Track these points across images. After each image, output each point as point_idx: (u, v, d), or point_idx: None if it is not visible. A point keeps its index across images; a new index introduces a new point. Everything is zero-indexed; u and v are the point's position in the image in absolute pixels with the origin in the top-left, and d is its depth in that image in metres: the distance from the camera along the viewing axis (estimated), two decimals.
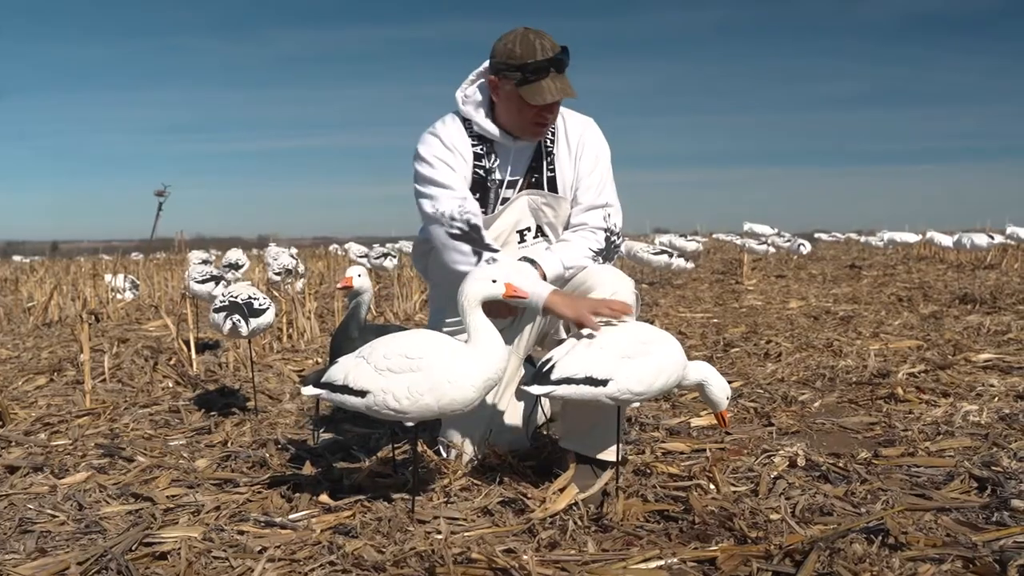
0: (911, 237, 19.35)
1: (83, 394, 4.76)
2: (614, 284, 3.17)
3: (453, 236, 3.16)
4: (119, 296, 10.25)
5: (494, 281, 2.79)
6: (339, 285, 3.56)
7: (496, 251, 3.14)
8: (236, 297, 4.30)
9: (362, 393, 2.73)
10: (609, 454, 3.08)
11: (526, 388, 2.83)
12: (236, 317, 4.20)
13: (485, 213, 3.34)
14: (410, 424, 2.78)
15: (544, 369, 2.78)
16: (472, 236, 3.14)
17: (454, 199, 3.20)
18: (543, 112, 3.24)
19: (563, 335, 3.07)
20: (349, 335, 3.39)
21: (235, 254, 12.55)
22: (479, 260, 3.11)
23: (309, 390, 2.85)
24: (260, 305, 4.31)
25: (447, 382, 2.68)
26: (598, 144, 3.45)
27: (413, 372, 2.69)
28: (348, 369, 2.78)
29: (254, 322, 4.24)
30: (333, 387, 2.79)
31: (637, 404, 2.93)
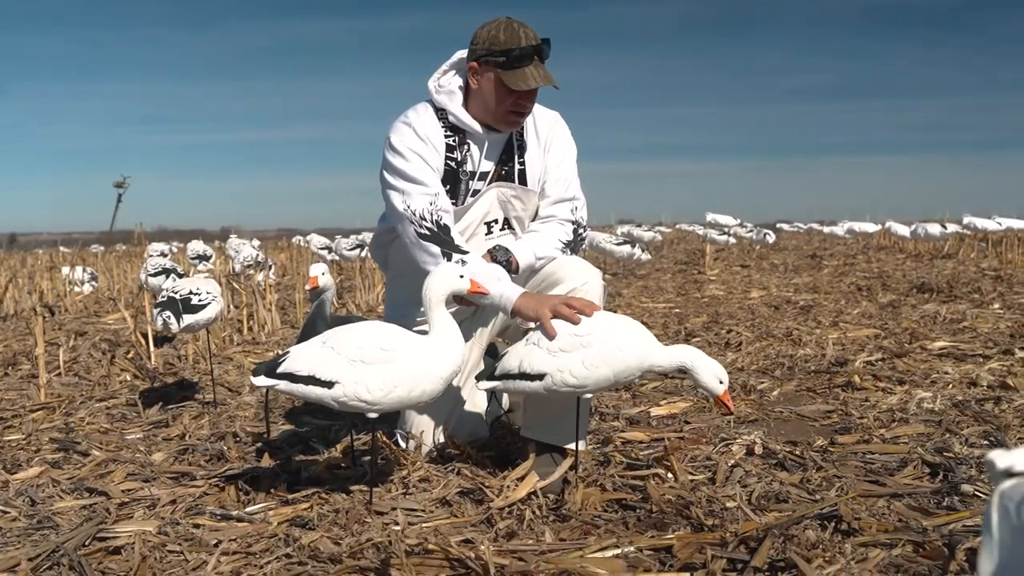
0: (871, 227, 19.61)
1: (38, 388, 4.69)
2: (584, 275, 3.19)
3: (422, 236, 3.12)
4: (77, 289, 10.10)
5: (461, 276, 2.81)
6: (308, 287, 3.58)
7: (466, 252, 3.11)
8: (176, 292, 4.23)
9: (330, 384, 2.67)
10: (570, 443, 3.09)
11: (476, 384, 3.01)
12: (167, 314, 4.12)
13: (455, 205, 3.31)
14: (372, 415, 2.76)
15: (493, 366, 2.95)
16: (442, 237, 3.11)
17: (425, 196, 3.16)
18: (521, 100, 3.22)
19: (531, 325, 3.08)
20: (316, 331, 3.37)
21: (200, 246, 12.42)
22: (447, 257, 3.08)
23: (261, 380, 2.73)
24: (200, 301, 4.20)
25: (421, 374, 2.68)
26: (566, 138, 3.46)
27: (387, 364, 2.67)
28: (313, 359, 2.71)
29: (189, 318, 4.14)
30: (295, 377, 2.70)
31: (589, 395, 2.92)
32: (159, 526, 2.68)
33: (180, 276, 6.14)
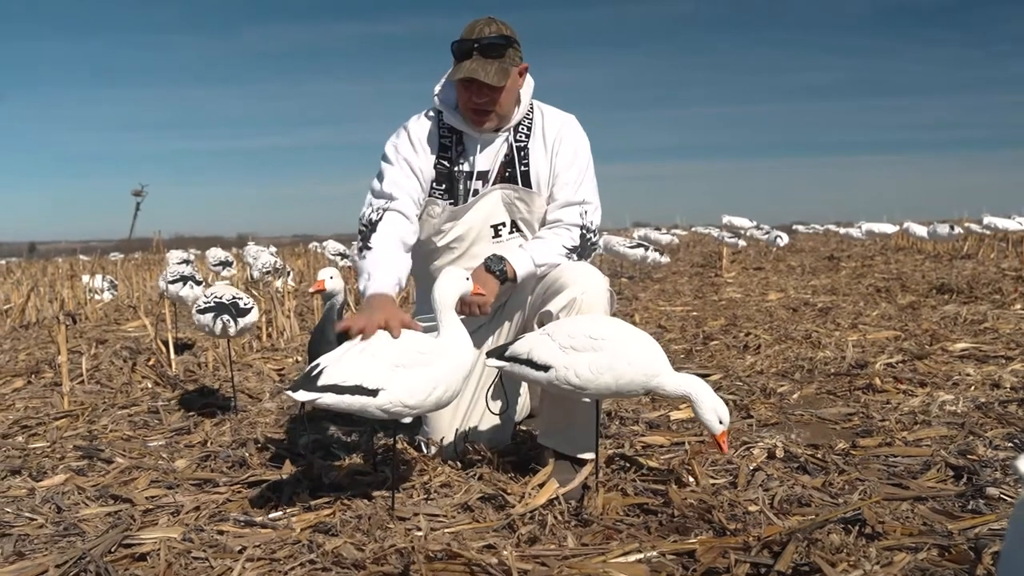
0: (889, 228, 19.50)
1: (61, 396, 4.72)
2: (584, 283, 3.13)
3: (360, 232, 3.25)
4: (97, 297, 10.18)
5: (467, 279, 2.85)
6: (311, 289, 3.57)
7: (369, 248, 3.15)
8: (221, 297, 4.32)
9: (375, 392, 2.62)
10: (587, 454, 3.09)
11: (485, 361, 3.06)
12: (226, 317, 4.23)
13: (454, 204, 3.35)
14: (407, 420, 2.77)
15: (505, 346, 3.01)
16: (365, 233, 3.20)
17: (380, 200, 3.27)
18: (472, 96, 3.24)
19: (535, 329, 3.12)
20: (326, 338, 3.38)
21: (221, 253, 12.47)
22: (359, 255, 3.18)
23: (303, 395, 2.60)
24: (245, 305, 4.36)
25: (452, 372, 2.70)
26: (576, 141, 3.41)
27: (424, 367, 2.67)
28: (357, 368, 2.63)
29: (242, 321, 4.29)
30: (340, 388, 2.61)
31: (588, 399, 2.92)
32: (184, 533, 2.70)
33: (198, 283, 6.17)
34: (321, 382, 2.62)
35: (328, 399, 2.61)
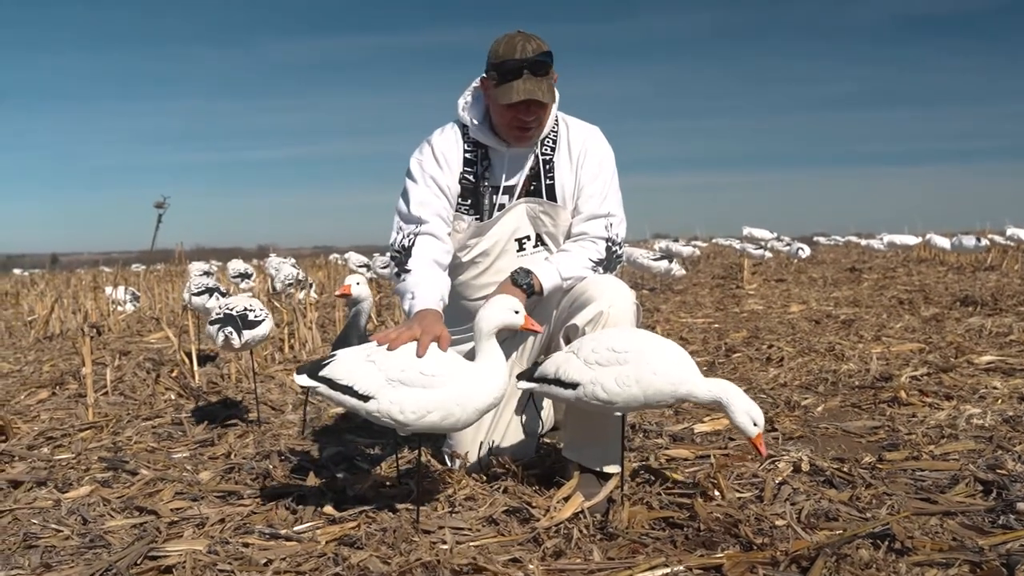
0: (911, 239, 19.33)
1: (85, 407, 4.75)
2: (610, 297, 3.12)
3: (393, 258, 3.29)
4: (120, 308, 10.25)
5: (516, 312, 2.82)
6: (337, 293, 3.58)
7: (408, 271, 3.18)
8: (231, 309, 4.30)
9: (366, 398, 2.68)
10: (611, 467, 3.08)
11: (516, 384, 3.05)
12: (228, 329, 4.20)
13: (480, 220, 3.35)
14: (403, 433, 2.77)
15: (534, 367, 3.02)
16: (400, 259, 3.23)
17: (410, 225, 3.27)
18: (519, 115, 3.22)
19: (562, 344, 3.12)
20: (349, 345, 3.39)
21: (241, 265, 12.52)
22: (398, 279, 3.22)
23: (304, 380, 2.75)
24: (255, 317, 4.30)
25: (457, 403, 2.67)
26: (602, 153, 3.40)
27: (425, 388, 2.67)
28: (354, 371, 2.71)
29: (248, 334, 4.23)
30: (334, 384, 2.72)
31: (619, 413, 2.90)
32: (209, 545, 2.70)
33: (224, 295, 6.19)
34: (322, 373, 2.73)
35: (323, 391, 2.74)
